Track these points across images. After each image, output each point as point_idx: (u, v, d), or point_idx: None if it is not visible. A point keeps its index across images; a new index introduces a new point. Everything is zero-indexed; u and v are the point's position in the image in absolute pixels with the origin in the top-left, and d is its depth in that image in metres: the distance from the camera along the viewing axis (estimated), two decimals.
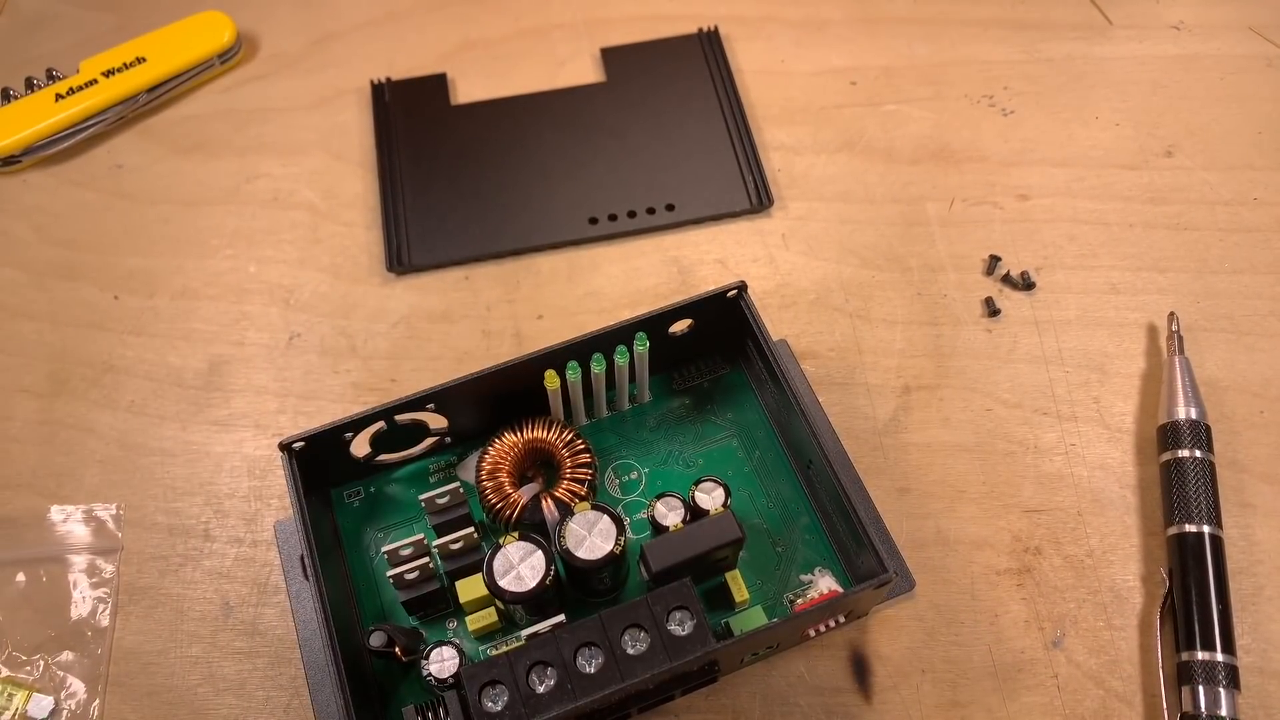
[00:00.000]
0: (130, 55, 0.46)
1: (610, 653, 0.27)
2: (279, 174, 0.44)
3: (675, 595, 0.27)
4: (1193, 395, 0.35)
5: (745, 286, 0.33)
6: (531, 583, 0.29)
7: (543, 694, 0.26)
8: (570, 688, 0.26)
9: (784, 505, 0.34)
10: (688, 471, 0.34)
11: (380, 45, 0.48)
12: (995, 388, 0.37)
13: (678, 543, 0.29)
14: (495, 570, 0.29)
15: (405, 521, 0.34)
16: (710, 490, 0.31)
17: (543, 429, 0.33)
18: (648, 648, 0.27)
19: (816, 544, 0.33)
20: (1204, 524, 0.33)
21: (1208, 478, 0.34)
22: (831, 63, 0.46)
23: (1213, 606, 0.31)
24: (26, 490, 0.37)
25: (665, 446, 0.35)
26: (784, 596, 0.32)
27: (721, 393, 0.36)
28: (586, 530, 0.29)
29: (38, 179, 0.44)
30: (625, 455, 0.35)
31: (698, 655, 0.26)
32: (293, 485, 0.30)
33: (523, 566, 0.29)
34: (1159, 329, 0.38)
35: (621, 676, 0.26)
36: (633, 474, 0.34)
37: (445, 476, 0.35)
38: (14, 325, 0.40)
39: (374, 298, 0.40)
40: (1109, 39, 0.47)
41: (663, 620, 0.27)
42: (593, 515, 0.30)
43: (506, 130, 0.44)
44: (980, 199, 0.42)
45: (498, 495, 0.32)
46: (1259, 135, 0.43)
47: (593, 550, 0.29)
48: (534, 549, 0.29)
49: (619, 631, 0.27)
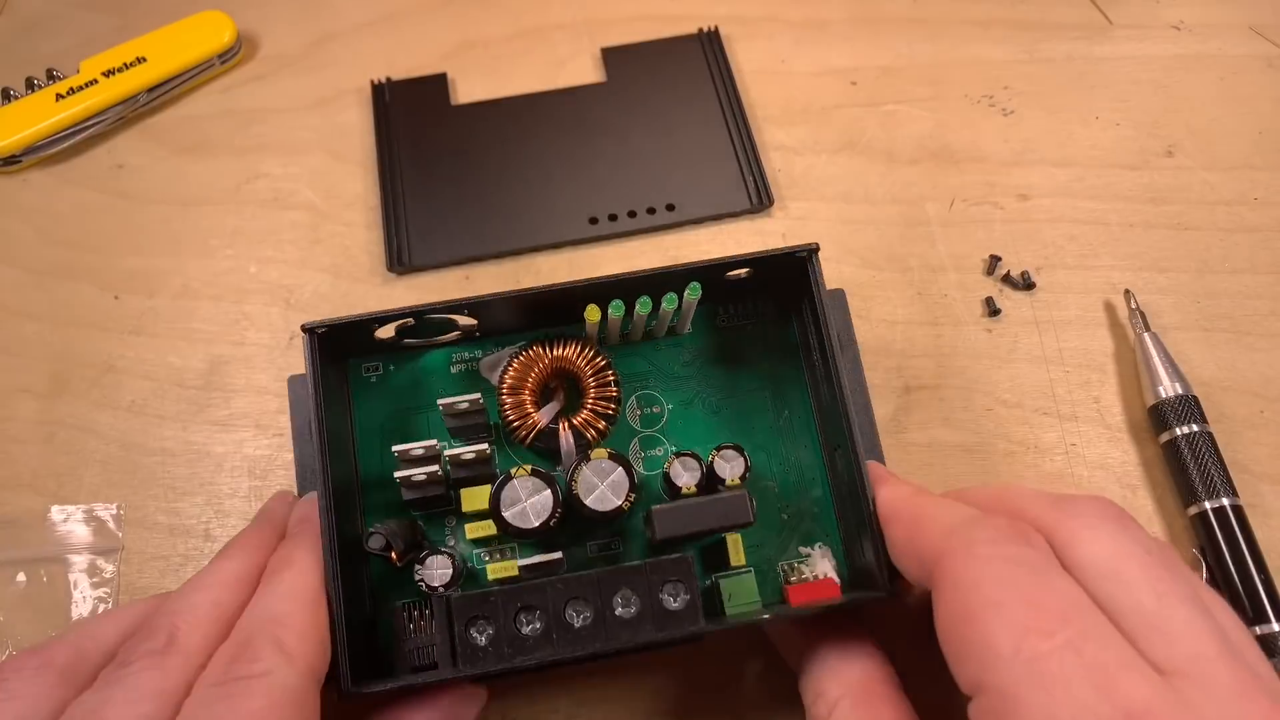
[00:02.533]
0: (130, 55, 0.46)
1: (599, 612, 0.27)
2: (279, 174, 0.44)
3: (674, 569, 0.27)
4: (1171, 369, 0.35)
5: (818, 249, 0.31)
6: (535, 521, 0.29)
7: (528, 636, 0.27)
8: (555, 638, 0.27)
9: (800, 472, 0.33)
10: (713, 418, 0.33)
11: (380, 45, 0.48)
12: (995, 388, 0.37)
13: (687, 514, 0.29)
14: (502, 501, 0.29)
15: (420, 409, 0.33)
16: (731, 459, 0.30)
17: (574, 350, 0.32)
18: (636, 613, 0.27)
19: (823, 518, 0.32)
20: (1221, 497, 0.33)
21: (1210, 449, 0.34)
22: (832, 63, 0.46)
23: (1255, 578, 0.31)
24: (27, 490, 0.37)
25: (694, 386, 0.34)
26: (779, 564, 0.32)
27: (763, 340, 0.35)
28: (599, 479, 0.29)
29: (38, 179, 0.44)
30: (652, 386, 0.34)
31: (684, 632, 0.27)
32: (312, 369, 0.30)
33: (530, 503, 0.29)
34: (1116, 307, 0.39)
35: (606, 638, 0.27)
36: (655, 407, 0.34)
37: (467, 368, 0.34)
38: (14, 325, 0.40)
39: (374, 298, 0.40)
40: (1109, 39, 0.47)
41: (657, 589, 0.27)
42: (607, 465, 0.29)
43: (506, 130, 0.44)
44: (980, 199, 0.42)
45: (517, 413, 0.31)
46: (1259, 135, 0.43)
47: (602, 501, 0.29)
48: (543, 487, 0.29)
49: (612, 592, 0.27)
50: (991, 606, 0.21)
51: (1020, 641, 0.20)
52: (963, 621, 0.22)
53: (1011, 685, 0.20)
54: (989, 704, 0.21)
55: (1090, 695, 0.19)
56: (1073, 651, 0.20)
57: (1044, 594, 0.21)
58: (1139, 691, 0.19)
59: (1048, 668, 0.20)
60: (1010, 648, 0.21)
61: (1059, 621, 0.21)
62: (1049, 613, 0.21)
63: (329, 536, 0.28)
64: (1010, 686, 0.20)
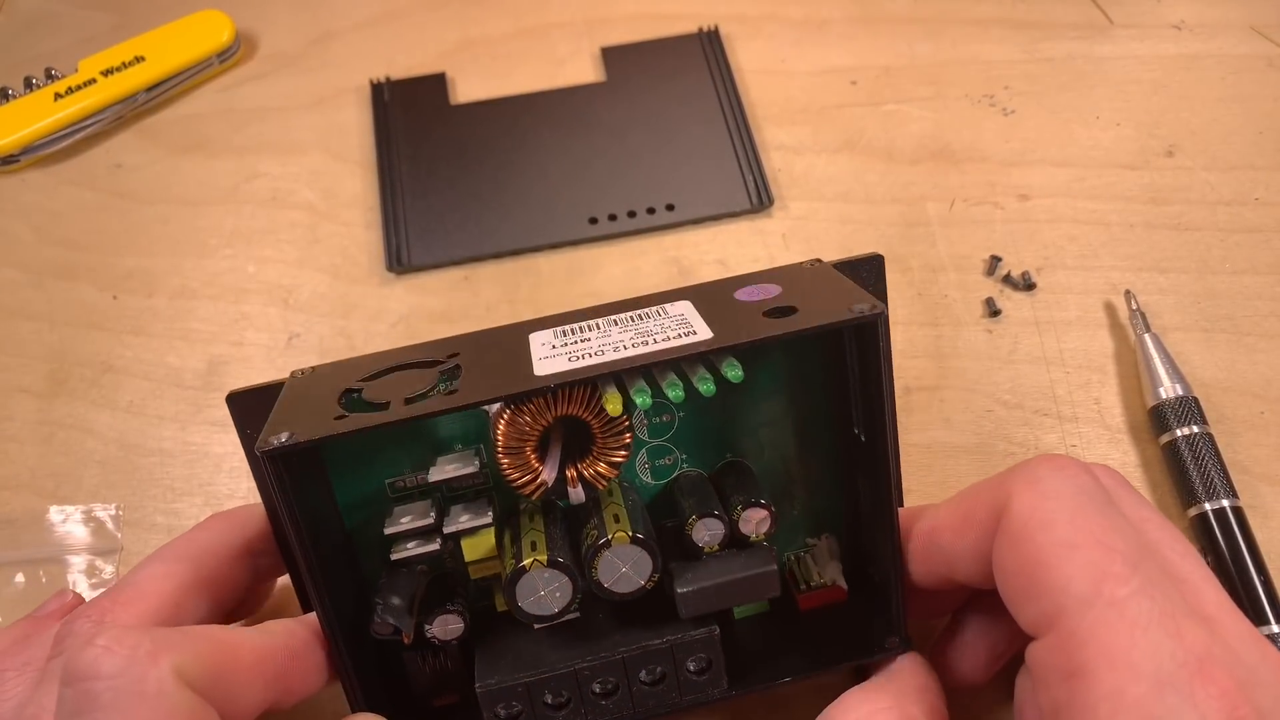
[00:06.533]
0: (129, 54, 0.46)
1: (626, 688, 0.27)
2: (278, 173, 0.44)
3: (702, 647, 0.27)
4: (1171, 370, 0.35)
5: (884, 312, 0.25)
6: (555, 609, 0.27)
7: (555, 713, 0.27)
8: (584, 712, 0.27)
9: (808, 465, 0.31)
10: (726, 423, 0.30)
11: (380, 45, 0.48)
12: (996, 388, 0.37)
13: (713, 591, 0.27)
14: (518, 593, 0.27)
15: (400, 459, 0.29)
16: (756, 518, 0.28)
17: (579, 406, 0.27)
18: (662, 683, 0.27)
19: (829, 512, 0.31)
20: (1221, 498, 0.33)
21: (1210, 450, 0.34)
22: (832, 62, 0.46)
23: (1255, 579, 0.31)
24: (25, 491, 0.36)
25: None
26: (786, 555, 0.31)
27: (783, 352, 0.30)
28: (623, 564, 0.27)
29: (36, 178, 0.44)
30: (660, 395, 0.31)
31: (709, 698, 0.27)
32: (280, 493, 0.24)
33: (547, 592, 0.27)
34: (1116, 308, 0.39)
35: (634, 708, 0.27)
36: (665, 416, 0.30)
37: None
38: (13, 325, 0.40)
39: (373, 298, 0.40)
40: (1110, 39, 0.47)
41: (683, 664, 0.27)
42: (631, 550, 0.27)
43: (506, 130, 0.44)
44: (981, 199, 0.42)
45: (520, 473, 0.28)
46: (1260, 135, 0.43)
47: (623, 584, 0.27)
48: (561, 577, 0.27)
49: (638, 669, 0.27)
50: (1066, 548, 0.22)
51: (1099, 585, 0.21)
52: (1035, 564, 0.22)
53: (1089, 627, 0.21)
54: (1059, 643, 0.21)
55: (1165, 641, 0.20)
56: (1148, 598, 0.21)
57: (1114, 537, 0.22)
58: (1200, 637, 0.21)
59: (1128, 612, 0.21)
60: (1089, 591, 0.21)
61: (1131, 567, 0.21)
62: (1122, 556, 0.22)
63: (339, 647, 0.26)
64: (1088, 628, 0.21)
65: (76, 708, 0.21)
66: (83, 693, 0.21)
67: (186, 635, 0.23)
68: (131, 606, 0.26)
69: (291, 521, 0.24)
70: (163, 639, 0.22)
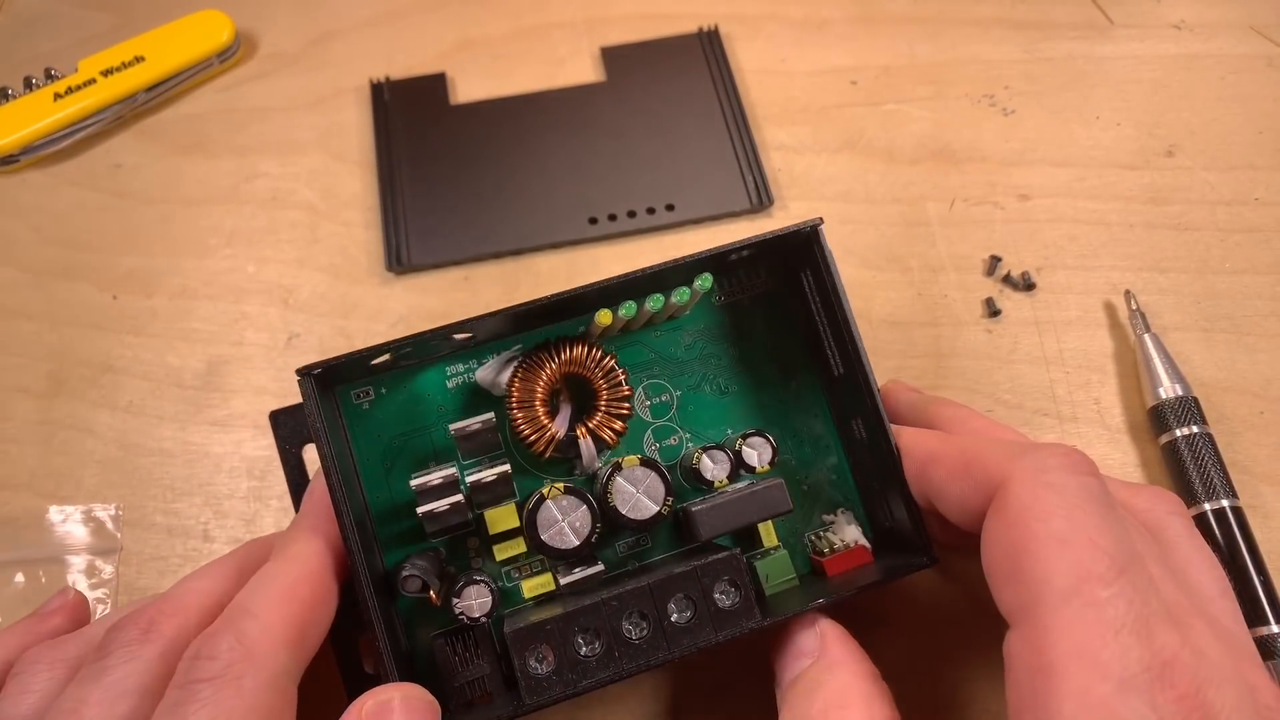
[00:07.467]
0: (129, 54, 0.46)
1: (656, 623, 0.27)
2: (278, 173, 0.44)
3: (727, 568, 0.27)
4: (1171, 370, 0.35)
5: (822, 223, 0.30)
6: (576, 540, 0.28)
7: (589, 658, 0.26)
8: (617, 654, 0.26)
9: (814, 441, 0.33)
10: (722, 398, 0.33)
11: (379, 44, 0.48)
12: (996, 388, 0.37)
13: (727, 511, 0.28)
14: (539, 523, 0.28)
15: (419, 430, 0.32)
16: (758, 446, 0.30)
17: (581, 352, 0.31)
18: (692, 618, 0.27)
19: (841, 484, 0.32)
20: (1221, 498, 0.33)
21: (1210, 450, 0.34)
22: (832, 62, 0.46)
23: (1254, 579, 0.31)
24: (25, 491, 0.36)
25: (699, 368, 0.33)
26: (806, 535, 0.32)
27: (763, 314, 0.34)
28: (634, 487, 0.29)
29: (36, 178, 0.44)
30: (657, 375, 0.33)
31: (744, 630, 0.27)
32: (316, 416, 0.27)
33: (567, 522, 0.28)
34: (1116, 308, 0.38)
35: (669, 647, 0.26)
36: (664, 396, 0.33)
37: (463, 381, 0.32)
38: (12, 325, 0.40)
39: (373, 298, 0.40)
40: (1110, 39, 0.47)
41: (710, 590, 0.27)
42: (640, 472, 0.29)
43: (506, 130, 0.44)
44: (981, 199, 0.42)
45: (531, 426, 0.30)
46: (1260, 135, 0.43)
47: (640, 509, 0.29)
48: (579, 504, 0.29)
49: (665, 600, 0.27)
50: (1057, 543, 0.22)
51: (1080, 584, 0.21)
52: (1023, 552, 0.22)
53: (1062, 623, 0.21)
54: (1032, 634, 0.22)
55: (1135, 644, 0.21)
56: (1126, 601, 0.21)
57: (1105, 537, 0.22)
58: (1170, 641, 0.21)
59: (1105, 614, 0.21)
60: (1069, 587, 0.21)
61: (1117, 570, 0.21)
62: (1110, 558, 0.22)
63: (368, 589, 0.27)
64: (1061, 624, 0.21)
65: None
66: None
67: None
68: (269, 635, 0.26)
69: (327, 444, 0.27)
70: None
